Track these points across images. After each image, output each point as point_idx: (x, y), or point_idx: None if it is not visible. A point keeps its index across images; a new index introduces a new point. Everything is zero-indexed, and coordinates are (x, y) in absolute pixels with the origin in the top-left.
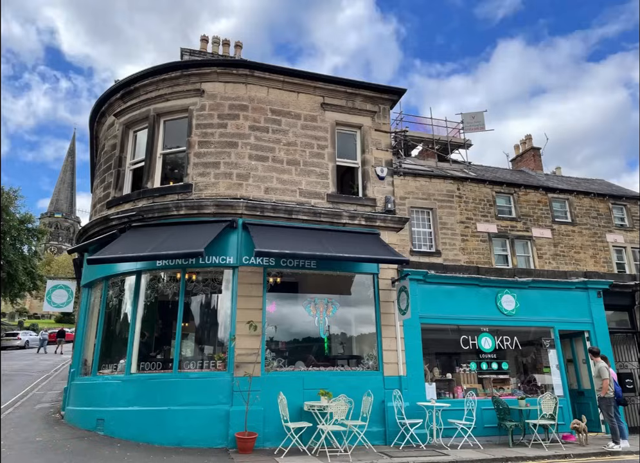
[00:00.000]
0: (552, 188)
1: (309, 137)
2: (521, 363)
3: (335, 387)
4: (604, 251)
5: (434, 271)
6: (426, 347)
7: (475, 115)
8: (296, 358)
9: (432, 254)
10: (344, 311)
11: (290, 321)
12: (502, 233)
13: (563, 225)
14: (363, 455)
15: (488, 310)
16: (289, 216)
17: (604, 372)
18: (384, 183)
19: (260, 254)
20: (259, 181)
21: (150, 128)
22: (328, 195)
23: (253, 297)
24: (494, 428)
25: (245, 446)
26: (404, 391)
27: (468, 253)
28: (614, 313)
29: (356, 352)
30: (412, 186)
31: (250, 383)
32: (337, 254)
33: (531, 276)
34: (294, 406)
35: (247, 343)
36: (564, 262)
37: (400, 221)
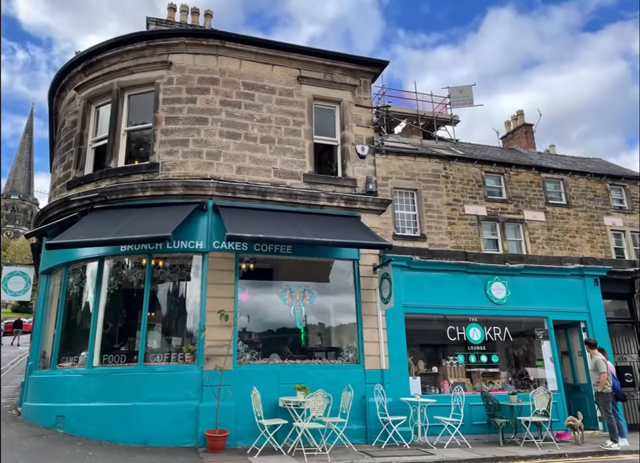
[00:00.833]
0: (545, 168)
1: (284, 113)
2: (512, 355)
3: (312, 381)
4: (602, 235)
5: (418, 257)
6: (411, 338)
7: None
8: (271, 350)
9: (416, 238)
10: (322, 300)
11: (264, 311)
12: (492, 216)
13: (558, 207)
14: (342, 454)
15: (476, 298)
16: (263, 197)
17: (601, 365)
18: (365, 162)
19: (232, 239)
20: (230, 160)
21: (113, 103)
22: (305, 175)
23: (224, 284)
24: (483, 426)
25: (216, 445)
26: (387, 385)
27: (455, 238)
28: (612, 302)
29: (335, 343)
30: (395, 166)
31: (221, 377)
32: (315, 239)
33: (523, 262)
34: (268, 401)
35: (218, 334)
36: (558, 247)
37: (382, 203)
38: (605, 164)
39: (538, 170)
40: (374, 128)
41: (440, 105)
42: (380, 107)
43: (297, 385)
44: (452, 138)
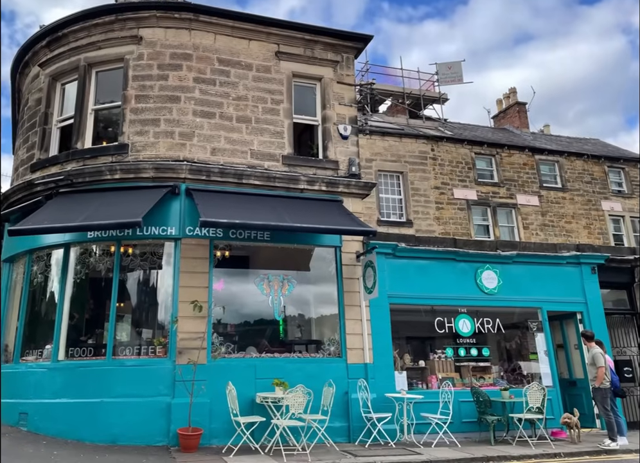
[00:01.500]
0: (539, 149)
1: (262, 91)
2: (504, 348)
3: (291, 376)
4: (600, 220)
5: (404, 244)
6: (396, 331)
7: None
8: (247, 343)
9: (402, 224)
10: (301, 289)
11: (241, 301)
12: (483, 200)
13: (553, 191)
14: (323, 454)
15: (466, 288)
16: (239, 181)
17: (599, 359)
18: (348, 143)
19: (206, 225)
20: (204, 141)
21: (80, 80)
22: (284, 157)
23: (198, 273)
24: (473, 423)
25: (189, 444)
26: (370, 381)
27: (443, 223)
28: (611, 292)
29: (316, 336)
30: (379, 147)
31: (195, 372)
32: (294, 225)
33: (516, 250)
34: (245, 397)
35: (191, 325)
36: (553, 234)
37: (365, 187)
38: (603, 145)
39: (531, 152)
40: (357, 107)
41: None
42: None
43: (276, 380)
44: (440, 117)
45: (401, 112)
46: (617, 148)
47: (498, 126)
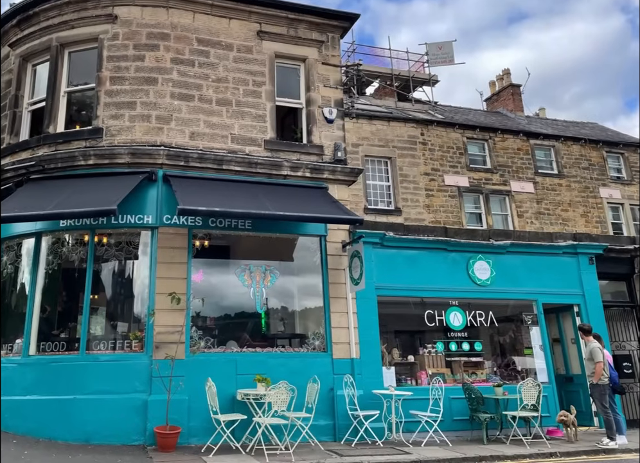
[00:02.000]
0: (534, 133)
1: (243, 72)
2: (497, 342)
3: (274, 372)
4: (598, 208)
5: (392, 233)
6: (384, 324)
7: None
8: (228, 337)
9: (390, 212)
10: (285, 281)
11: (221, 293)
12: (475, 187)
13: (548, 177)
14: (308, 453)
15: (457, 279)
16: (219, 166)
17: (597, 354)
18: (333, 127)
19: (184, 213)
20: (183, 125)
21: (52, 61)
22: (266, 142)
23: (176, 264)
24: (465, 421)
25: (166, 443)
26: (357, 376)
27: (433, 211)
28: (609, 283)
29: (300, 329)
30: (366, 131)
31: (173, 367)
32: (277, 213)
33: (510, 239)
34: (225, 394)
35: (169, 318)
36: (549, 222)
37: (352, 173)
38: (601, 130)
39: (526, 136)
40: (343, 89)
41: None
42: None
43: (257, 376)
44: (430, 100)
45: (390, 95)
46: (616, 133)
47: (491, 109)
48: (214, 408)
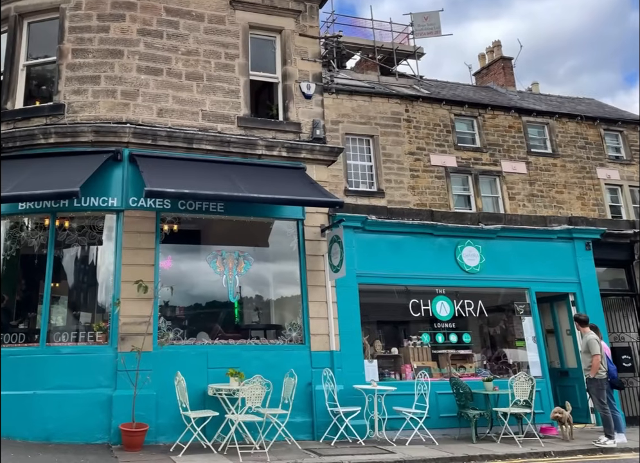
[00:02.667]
0: (527, 110)
1: (215, 44)
2: (487, 334)
3: (248, 365)
4: (595, 190)
5: (375, 216)
6: (366, 314)
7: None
8: (198, 328)
9: (373, 194)
10: (259, 268)
11: (191, 281)
12: (463, 168)
13: (542, 157)
14: (284, 453)
15: (444, 266)
16: (189, 145)
17: (594, 346)
18: (311, 103)
19: (151, 195)
20: (150, 101)
21: (10, 32)
22: (240, 119)
23: (143, 249)
24: (453, 418)
25: (133, 441)
26: (337, 370)
27: (419, 193)
28: (607, 270)
29: (276, 320)
30: (347, 107)
31: (139, 360)
32: (251, 195)
33: (501, 223)
34: (196, 389)
35: (136, 308)
36: (543, 205)
37: (331, 152)
38: (599, 106)
39: (518, 113)
40: (322, 62)
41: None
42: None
43: (230, 370)
44: (415, 74)
45: (372, 69)
46: (614, 109)
47: (480, 84)
48: (184, 404)
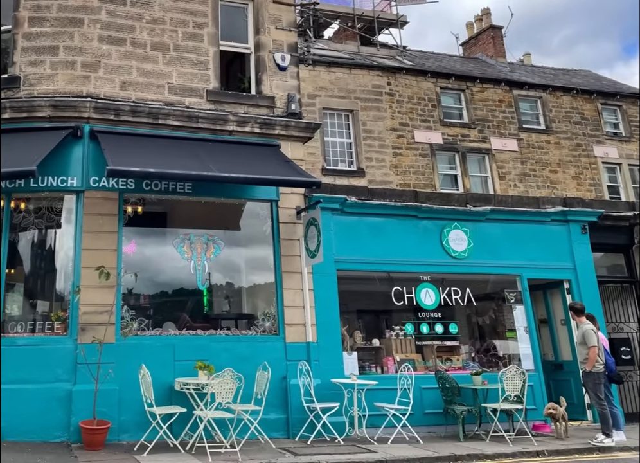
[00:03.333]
0: (518, 83)
1: (182, 12)
2: (476, 324)
3: (218, 358)
4: (592, 169)
5: (355, 197)
6: (345, 303)
7: None
8: (164, 318)
9: (352, 173)
10: (230, 253)
11: (157, 267)
12: (450, 145)
13: (535, 133)
14: (257, 452)
15: (429, 251)
16: (154, 121)
17: (590, 337)
18: (286, 75)
19: (114, 174)
20: (113, 73)
21: None
22: (209, 92)
23: (105, 233)
24: (438, 415)
25: (94, 440)
26: (314, 363)
27: (402, 173)
28: (605, 255)
29: (248, 309)
30: (325, 80)
31: (101, 352)
32: (221, 174)
33: (490, 205)
34: (162, 384)
35: (97, 296)
36: (535, 185)
37: (307, 128)
38: (596, 78)
39: (509, 86)
40: (298, 31)
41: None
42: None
43: (199, 363)
44: (398, 45)
45: (351, 38)
46: (612, 82)
47: (468, 55)
48: (149, 400)
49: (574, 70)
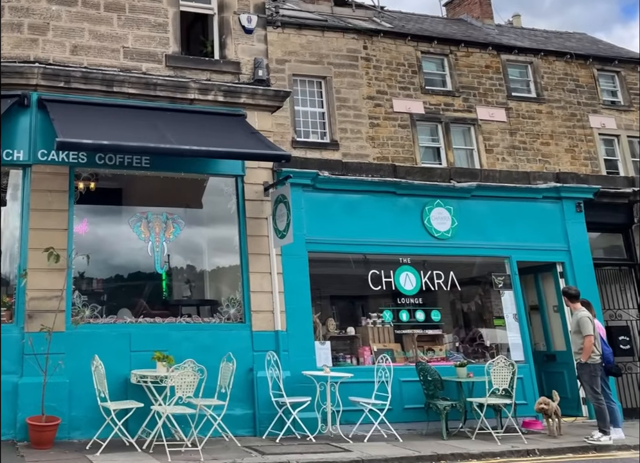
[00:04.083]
0: (507, 47)
1: None
2: (460, 311)
3: (178, 348)
4: (587, 141)
5: (328, 172)
6: (318, 288)
7: None
8: (120, 304)
9: (325, 146)
10: (191, 233)
11: (111, 248)
12: (432, 115)
13: (525, 102)
14: (220, 451)
15: (410, 231)
16: (109, 88)
17: (586, 325)
18: (253, 39)
19: (65, 147)
20: (63, 36)
21: None
22: (168, 57)
23: (54, 211)
24: (419, 410)
25: (42, 438)
26: (283, 354)
27: (379, 145)
28: (602, 236)
29: (211, 294)
30: (295, 44)
31: (50, 342)
32: (182, 147)
33: (476, 180)
34: (117, 376)
35: (46, 280)
36: (525, 159)
37: (276, 96)
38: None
39: (496, 50)
40: None
41: None
42: None
43: (157, 353)
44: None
45: None
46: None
47: (452, 16)
48: (103, 394)
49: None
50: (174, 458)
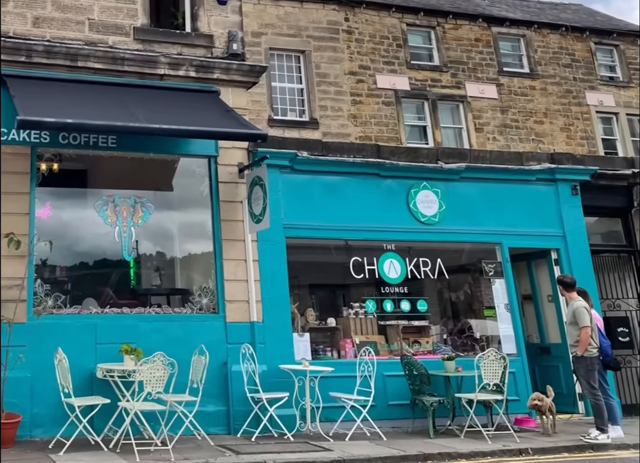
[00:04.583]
0: (498, 18)
1: None
2: (448, 300)
3: (147, 340)
4: (584, 119)
5: (307, 153)
6: (296, 276)
7: None
8: (85, 293)
9: (304, 125)
10: (161, 218)
11: (75, 234)
12: (418, 91)
13: (517, 78)
14: (192, 450)
15: (394, 215)
16: (73, 63)
17: (582, 316)
18: (227, 10)
19: (26, 125)
20: (24, 7)
21: None
22: (137, 30)
23: (14, 194)
24: (405, 407)
25: (3, 436)
26: (259, 347)
27: (362, 124)
28: (599, 220)
29: (182, 283)
30: (272, 15)
31: (10, 334)
32: (151, 126)
33: (465, 161)
34: (82, 370)
35: (5, 268)
36: (518, 138)
37: (251, 71)
38: (589, 14)
39: (487, 22)
40: None
41: None
42: None
43: (124, 346)
44: None
45: None
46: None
47: None
48: (67, 389)
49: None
50: (143, 458)
